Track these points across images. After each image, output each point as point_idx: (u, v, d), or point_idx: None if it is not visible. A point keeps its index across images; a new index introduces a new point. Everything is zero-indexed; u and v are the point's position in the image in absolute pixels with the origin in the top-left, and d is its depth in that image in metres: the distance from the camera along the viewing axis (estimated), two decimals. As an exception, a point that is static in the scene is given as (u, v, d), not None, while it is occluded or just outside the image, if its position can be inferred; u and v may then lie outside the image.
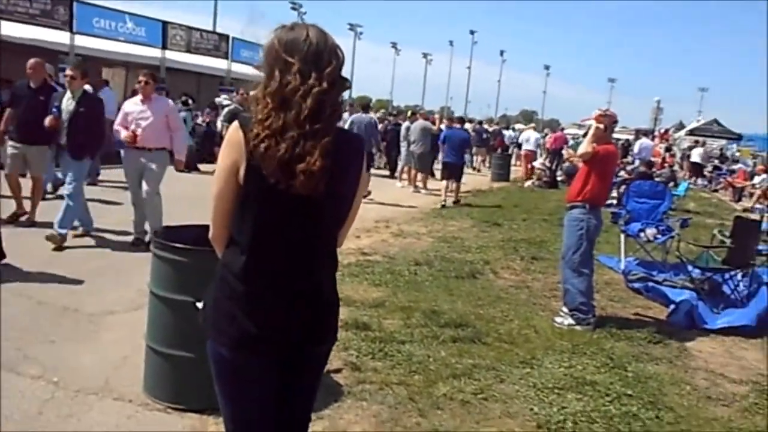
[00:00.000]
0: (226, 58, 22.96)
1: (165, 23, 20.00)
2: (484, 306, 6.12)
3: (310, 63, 1.88)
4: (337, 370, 4.27)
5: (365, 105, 13.98)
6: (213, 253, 2.11)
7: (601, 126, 5.90)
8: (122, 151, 7.30)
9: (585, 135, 6.33)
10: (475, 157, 23.03)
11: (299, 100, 1.84)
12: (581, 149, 6.02)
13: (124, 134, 6.84)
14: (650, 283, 7.17)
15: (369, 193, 11.79)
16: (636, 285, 7.25)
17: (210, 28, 27.11)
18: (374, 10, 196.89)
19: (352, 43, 64.82)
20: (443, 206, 12.64)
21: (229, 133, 1.94)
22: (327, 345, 2.21)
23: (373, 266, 7.20)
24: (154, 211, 6.97)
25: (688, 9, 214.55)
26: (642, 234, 8.40)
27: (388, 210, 11.52)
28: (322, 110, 1.86)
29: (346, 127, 12.58)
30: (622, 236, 8.37)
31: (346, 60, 2.00)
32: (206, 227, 2.08)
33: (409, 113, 17.75)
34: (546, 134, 25.99)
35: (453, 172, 13.35)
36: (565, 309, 5.92)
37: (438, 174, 14.89)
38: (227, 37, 23.30)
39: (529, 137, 22.60)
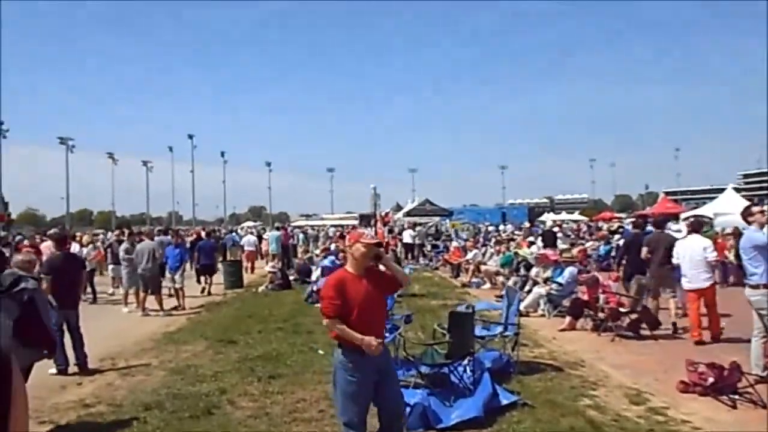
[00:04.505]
0: None
1: None
2: (222, 449, 5.73)
3: None
4: None
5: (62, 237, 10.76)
6: None
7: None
8: None
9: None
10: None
11: None
12: None
13: None
14: (385, 387, 7.29)
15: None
16: (373, 390, 7.32)
17: None
18: (84, 120, 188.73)
19: (64, 156, 62.41)
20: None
21: None
22: None
23: (96, 421, 6.45)
24: None
25: (390, 93, 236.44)
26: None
27: (113, 342, 10.56)
28: None
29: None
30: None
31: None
32: None
33: (126, 233, 16.63)
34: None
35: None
36: None
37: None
38: None
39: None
